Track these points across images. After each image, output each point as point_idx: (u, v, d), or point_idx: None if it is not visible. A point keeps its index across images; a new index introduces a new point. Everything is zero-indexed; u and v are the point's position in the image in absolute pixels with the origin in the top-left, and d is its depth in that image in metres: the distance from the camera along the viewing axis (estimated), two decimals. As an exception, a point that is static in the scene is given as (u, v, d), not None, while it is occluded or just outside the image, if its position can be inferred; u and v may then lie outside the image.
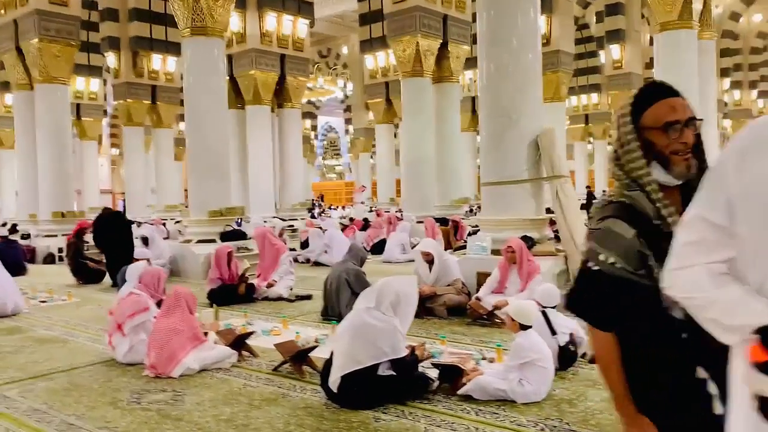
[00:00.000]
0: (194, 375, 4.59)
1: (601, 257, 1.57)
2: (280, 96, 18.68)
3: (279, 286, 7.86)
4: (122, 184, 46.98)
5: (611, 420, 3.43)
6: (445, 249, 12.03)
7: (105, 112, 30.15)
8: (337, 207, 34.66)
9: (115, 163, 45.05)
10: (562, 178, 6.77)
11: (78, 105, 22.99)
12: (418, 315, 6.27)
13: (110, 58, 21.16)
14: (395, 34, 14.73)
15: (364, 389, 3.75)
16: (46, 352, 5.51)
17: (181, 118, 29.43)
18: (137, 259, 7.23)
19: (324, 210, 29.41)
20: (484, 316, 5.91)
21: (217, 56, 10.83)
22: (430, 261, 6.45)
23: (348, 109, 36.59)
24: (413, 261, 11.48)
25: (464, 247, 8.36)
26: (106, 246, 9.60)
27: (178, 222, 18.81)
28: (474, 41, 21.05)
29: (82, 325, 6.69)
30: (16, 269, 10.54)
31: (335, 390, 3.78)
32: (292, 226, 17.12)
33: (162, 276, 5.38)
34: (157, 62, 21.64)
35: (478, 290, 6.66)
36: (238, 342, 5.04)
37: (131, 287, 5.74)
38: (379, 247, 13.07)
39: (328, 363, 3.98)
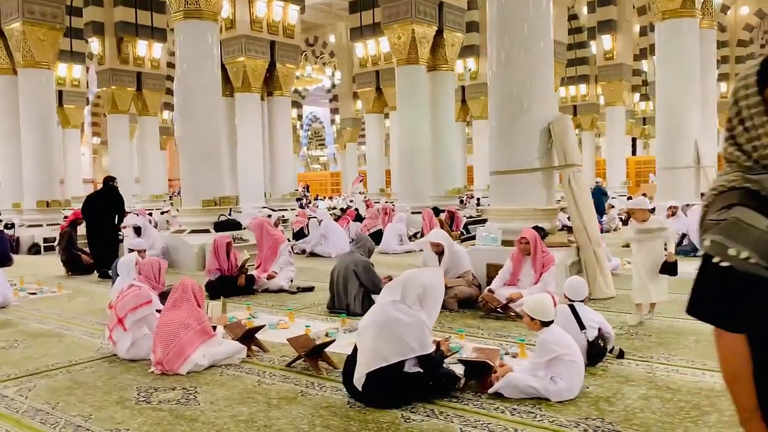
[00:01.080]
0: (203, 372, 4.35)
1: (732, 252, 1.36)
2: (270, 84, 18.33)
3: (279, 278, 7.62)
4: (104, 173, 46.41)
5: (655, 419, 3.27)
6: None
7: (87, 100, 29.47)
8: (324, 198, 34.39)
9: (96, 152, 44.30)
10: (575, 167, 6.59)
11: (60, 92, 22.40)
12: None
13: (94, 44, 20.62)
14: (390, 21, 14.46)
15: (390, 387, 3.55)
16: (41, 347, 5.23)
17: (166, 106, 29.11)
18: (131, 250, 6.94)
19: (310, 200, 29.14)
20: (498, 309, 5.73)
21: (210, 41, 10.51)
22: (439, 252, 6.25)
23: (334, 98, 36.18)
24: (410, 252, 11.37)
25: (469, 238, 8.17)
26: (93, 225, 9.58)
27: (165, 212, 18.45)
28: (468, 29, 20.89)
29: (76, 318, 6.41)
30: (2, 260, 10.20)
31: (360, 388, 3.57)
32: (283, 216, 16.84)
33: (162, 266, 5.12)
34: (143, 48, 21.14)
35: (488, 282, 6.48)
36: (247, 336, 4.81)
37: (129, 279, 5.49)
38: (374, 238, 12.82)
39: (350, 359, 3.77)
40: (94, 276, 9.46)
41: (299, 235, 12.52)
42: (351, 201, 28.44)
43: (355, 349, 3.74)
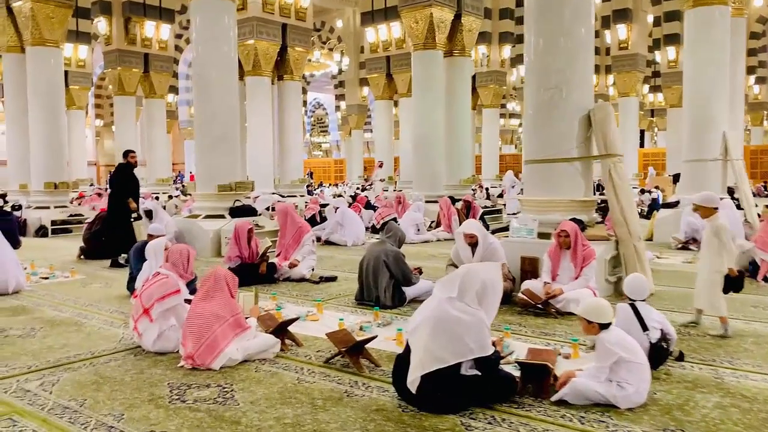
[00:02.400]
0: (237, 367, 4.10)
1: None
2: (281, 68, 17.98)
3: (301, 267, 7.36)
4: (107, 156, 45.99)
5: (738, 431, 3.02)
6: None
7: (91, 81, 29.08)
8: (329, 185, 34.10)
9: (99, 134, 43.89)
10: (616, 157, 6.30)
11: (65, 72, 22.01)
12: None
13: (101, 24, 20.26)
14: (407, 4, 14.07)
15: (446, 391, 3.29)
16: (60, 337, 4.97)
17: (170, 89, 28.71)
18: (151, 236, 6.67)
19: (314, 187, 28.87)
20: (538, 306, 5.47)
21: (227, 23, 10.18)
22: (473, 244, 5.98)
23: (340, 84, 35.76)
24: (428, 242, 11.11)
25: (500, 229, 7.89)
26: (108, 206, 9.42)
27: (176, 196, 18.16)
28: (486, 15, 20.52)
29: (93, 306, 6.15)
30: (11, 243, 9.92)
31: (414, 391, 3.31)
32: (295, 204, 16.53)
33: (191, 254, 4.84)
34: (151, 29, 20.78)
35: (522, 276, 6.23)
36: (280, 329, 4.55)
37: (155, 266, 5.23)
38: (388, 227, 12.58)
39: (401, 359, 3.51)
40: (106, 262, 9.17)
41: (310, 222, 12.23)
42: (341, 188, 28.21)
43: (407, 349, 3.48)
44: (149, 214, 10.14)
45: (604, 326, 3.43)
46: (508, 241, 6.41)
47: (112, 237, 9.13)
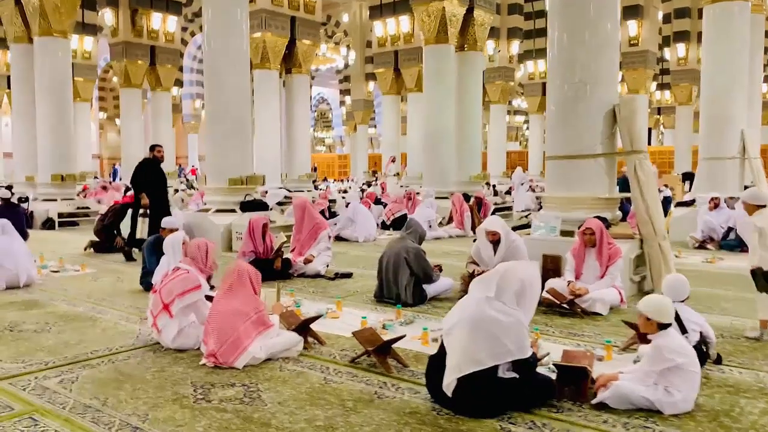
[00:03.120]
0: (261, 366, 3.97)
1: None
2: (289, 61, 17.82)
3: (316, 263, 7.23)
4: (110, 149, 45.90)
5: (792, 440, 2.89)
6: (472, 228, 11.50)
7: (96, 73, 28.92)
8: (334, 180, 33.98)
9: (102, 127, 43.80)
10: (641, 154, 6.17)
11: (71, 64, 21.91)
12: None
13: (107, 15, 20.12)
14: (419, -2, 13.93)
15: (483, 394, 3.16)
16: (76, 332, 4.85)
17: (175, 82, 28.59)
18: (164, 229, 6.54)
19: (319, 182, 28.71)
20: (564, 305, 5.34)
21: (240, 16, 10.04)
22: (495, 241, 5.85)
23: (345, 79, 35.62)
24: (440, 238, 10.98)
25: (521, 226, 7.76)
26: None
27: (182, 190, 18.05)
28: (498, 10, 20.36)
29: (107, 300, 6.03)
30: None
31: (449, 394, 3.19)
32: (290, 197, 16.39)
33: (210, 247, 4.71)
34: (157, 21, 20.64)
35: (544, 275, 6.08)
36: (303, 327, 4.43)
37: (173, 261, 5.11)
38: (399, 223, 12.46)
39: (434, 360, 3.39)
40: (116, 255, 9.06)
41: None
42: (346, 183, 28.04)
43: (441, 349, 3.35)
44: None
45: (663, 326, 3.30)
46: (530, 239, 6.28)
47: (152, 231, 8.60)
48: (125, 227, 9.33)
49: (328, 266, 7.45)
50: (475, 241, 6.75)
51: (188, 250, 4.64)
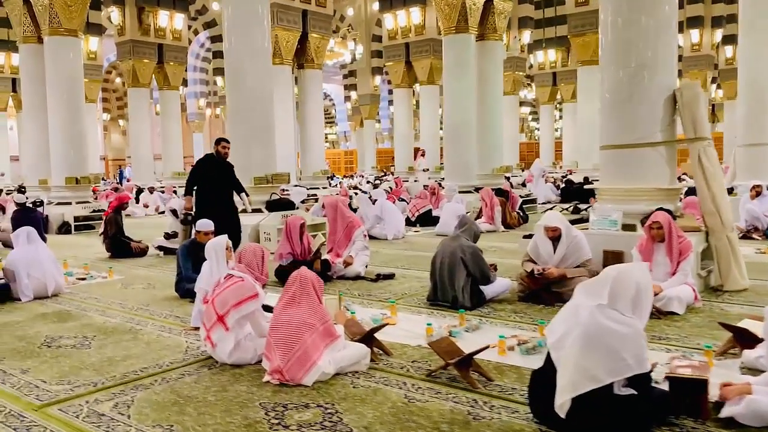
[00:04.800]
0: (330, 382, 3.63)
1: None
2: (301, 56, 17.46)
3: (356, 264, 6.89)
4: (114, 150, 45.60)
5: None
6: (503, 223, 11.14)
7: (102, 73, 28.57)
8: (343, 176, 33.61)
9: (106, 128, 43.49)
10: (705, 141, 5.80)
11: (78, 64, 21.57)
12: (543, 301, 5.43)
13: (114, 14, 19.75)
14: (438, -14, 13.53)
15: (600, 413, 2.81)
16: (118, 347, 4.51)
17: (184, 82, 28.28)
18: (200, 232, 6.20)
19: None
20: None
21: (261, 12, 9.69)
22: (555, 237, 5.49)
23: (350, 74, 35.21)
24: (471, 234, 10.60)
25: (577, 221, 7.38)
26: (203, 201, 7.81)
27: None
28: None
29: (142, 310, 5.69)
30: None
31: (563, 415, 2.84)
32: (315, 195, 16.05)
33: (265, 254, 4.37)
34: (164, 19, 20.27)
35: (604, 271, 5.74)
36: (369, 337, 4.09)
37: (218, 266, 4.77)
38: (424, 219, 12.13)
39: (539, 376, 3.05)
40: (142, 260, 8.73)
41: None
42: (356, 179, 27.66)
43: (547, 364, 3.00)
44: (175, 213, 9.66)
45: None
46: (588, 233, 5.91)
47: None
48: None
49: (366, 266, 7.11)
50: (529, 236, 6.41)
51: (243, 256, 4.29)
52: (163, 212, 17.47)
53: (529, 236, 6.54)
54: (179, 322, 5.19)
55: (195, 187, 7.88)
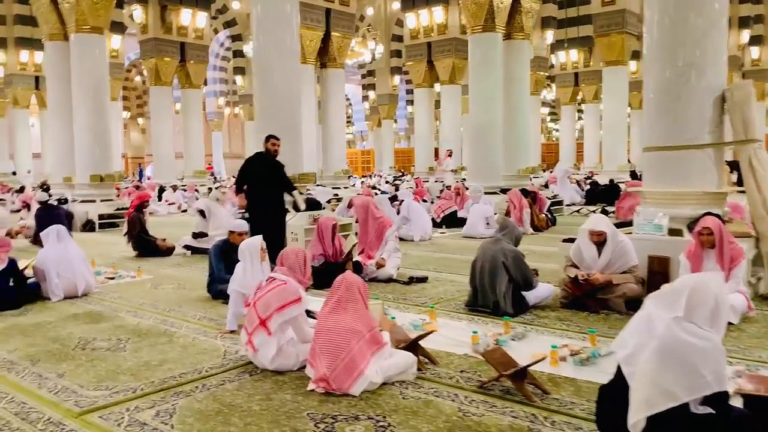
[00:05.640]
0: (378, 392, 3.48)
1: None
2: (324, 55, 17.35)
3: (388, 266, 6.75)
4: (133, 148, 45.89)
5: None
6: (532, 225, 10.94)
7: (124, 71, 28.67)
8: (361, 176, 33.53)
9: (126, 126, 43.76)
10: (756, 143, 5.59)
11: (101, 62, 21.62)
12: (588, 308, 5.24)
13: (137, 12, 19.77)
14: (466, -15, 13.33)
15: (676, 433, 2.64)
16: (154, 350, 4.40)
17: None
18: (233, 233, 6.08)
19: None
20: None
21: (290, 11, 9.57)
22: (600, 242, 5.30)
23: (369, 74, 35.10)
24: (499, 236, 10.42)
25: (622, 224, 7.19)
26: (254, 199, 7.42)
27: (216, 188, 17.66)
28: None
29: (175, 311, 5.58)
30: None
31: (637, 434, 2.66)
32: (337, 195, 15.93)
33: (307, 257, 4.23)
34: (187, 17, 20.28)
35: (650, 278, 5.55)
36: (414, 344, 3.93)
37: (253, 268, 4.66)
38: (449, 220, 11.96)
39: (608, 392, 2.88)
40: (169, 259, 8.66)
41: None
42: (374, 179, 27.53)
43: (617, 379, 2.83)
44: (202, 213, 9.57)
45: None
46: (633, 238, 5.70)
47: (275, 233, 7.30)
48: None
49: (398, 269, 6.96)
50: (570, 240, 6.23)
51: (284, 259, 4.15)
52: (185, 211, 17.47)
53: (570, 240, 6.37)
54: (214, 324, 5.07)
55: (245, 186, 7.50)
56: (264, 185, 7.38)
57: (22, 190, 20.09)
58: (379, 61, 30.92)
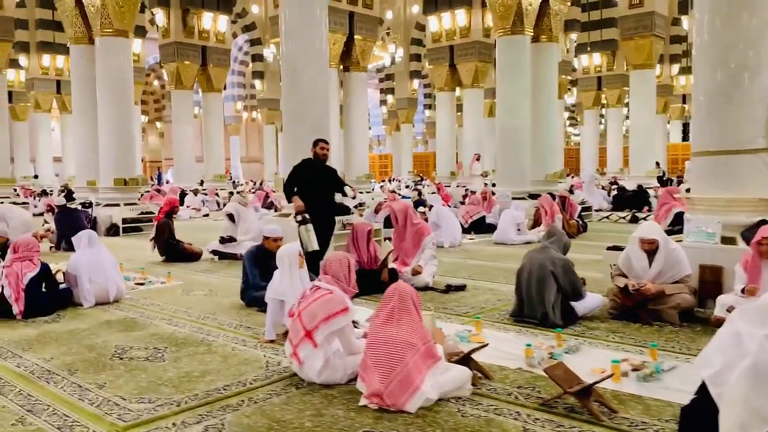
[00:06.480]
0: (434, 409, 3.30)
1: None
2: (346, 59, 17.24)
3: (425, 274, 6.57)
4: (151, 152, 46.10)
5: None
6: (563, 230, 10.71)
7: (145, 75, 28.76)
8: (381, 181, 33.40)
9: (144, 130, 43.97)
10: (813, 149, 5.36)
11: (123, 66, 21.67)
12: (640, 320, 5.03)
13: (159, 16, 19.81)
14: (493, -15, 13.16)
15: (770, 459, 2.43)
16: (194, 360, 4.25)
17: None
18: (268, 238, 5.94)
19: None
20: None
21: (319, 15, 9.45)
22: (651, 250, 5.09)
23: (387, 78, 34.99)
24: (530, 243, 10.19)
25: (672, 232, 6.94)
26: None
27: (238, 192, 17.60)
28: (575, 1, 19.48)
29: (210, 319, 5.44)
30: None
31: (728, 460, 2.46)
32: (362, 201, 15.77)
33: (352, 264, 4.07)
34: (208, 21, 20.29)
35: (701, 288, 5.34)
36: (467, 358, 3.75)
37: (290, 275, 4.50)
38: (477, 226, 11.76)
39: (690, 412, 2.67)
40: (197, 264, 8.55)
41: (389, 221, 11.45)
42: (394, 184, 27.37)
43: (701, 398, 2.63)
44: (231, 217, 9.45)
45: None
46: (683, 246, 5.49)
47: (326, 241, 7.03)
48: None
49: (434, 276, 6.78)
50: (614, 248, 6.03)
51: (328, 267, 4.00)
52: (207, 215, 17.41)
53: (615, 248, 6.18)
54: (251, 333, 4.92)
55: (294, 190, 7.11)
56: (312, 191, 6.99)
57: (44, 193, 20.16)
58: (398, 65, 30.83)
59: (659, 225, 5.24)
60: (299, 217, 6.65)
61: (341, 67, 17.34)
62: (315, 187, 7.02)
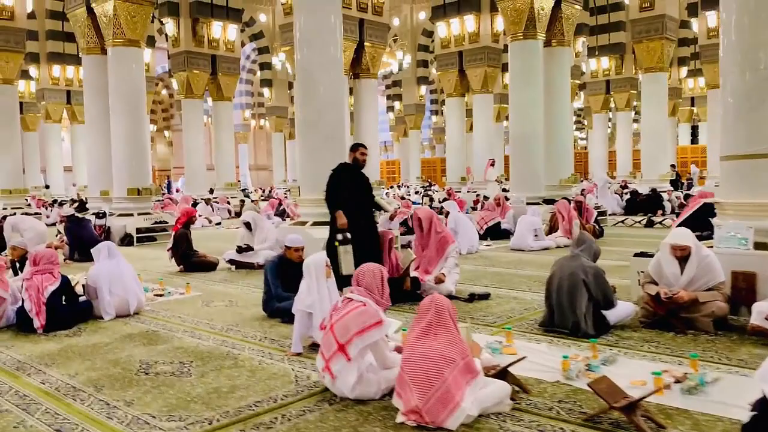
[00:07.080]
0: (475, 426, 3.20)
1: None
2: (356, 66, 17.18)
3: (448, 282, 6.47)
4: (160, 161, 46.21)
5: None
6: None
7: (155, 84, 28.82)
8: (390, 187, 33.32)
9: (152, 139, 44.09)
10: None
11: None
12: (670, 328, 4.92)
13: (169, 25, 19.84)
14: (506, -8, 13.09)
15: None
16: (221, 375, 4.16)
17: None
18: (289, 248, 5.85)
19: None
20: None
21: (333, 23, 9.43)
22: (683, 257, 4.97)
23: (395, 84, 35.00)
24: (548, 248, 10.10)
25: (703, 237, 6.82)
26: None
27: (252, 201, 17.59)
28: (584, 5, 19.39)
29: (233, 331, 5.35)
30: (88, 251, 9.33)
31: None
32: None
33: (385, 275, 3.97)
34: (218, 30, 20.30)
35: (734, 294, 5.22)
36: (503, 372, 3.65)
37: (316, 286, 4.42)
38: (492, 232, 11.65)
39: (752, 429, 2.57)
40: (214, 274, 8.48)
41: (408, 227, 11.37)
42: (402, 190, 27.29)
43: (763, 416, 2.52)
44: (248, 226, 9.37)
45: None
46: (715, 252, 5.37)
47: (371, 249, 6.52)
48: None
49: (456, 285, 6.68)
50: (642, 255, 5.92)
51: (361, 278, 3.90)
52: (219, 224, 17.36)
53: (642, 254, 6.07)
54: (277, 346, 4.83)
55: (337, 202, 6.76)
56: (355, 199, 6.69)
57: (57, 203, 20.19)
58: (405, 72, 30.81)
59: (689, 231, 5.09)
60: (340, 236, 6.34)
61: (351, 74, 17.28)
62: (356, 194, 6.72)
